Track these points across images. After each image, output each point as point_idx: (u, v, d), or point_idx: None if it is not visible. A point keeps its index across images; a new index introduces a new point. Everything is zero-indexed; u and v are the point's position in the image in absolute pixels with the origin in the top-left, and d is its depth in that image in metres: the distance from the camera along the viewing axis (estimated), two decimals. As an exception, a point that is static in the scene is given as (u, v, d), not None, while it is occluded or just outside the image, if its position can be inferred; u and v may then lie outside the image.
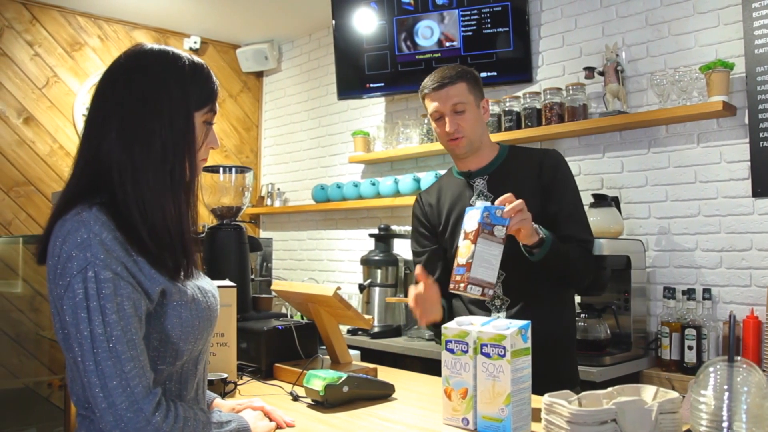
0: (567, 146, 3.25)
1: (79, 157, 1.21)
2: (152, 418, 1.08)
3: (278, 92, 5.11)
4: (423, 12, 3.70)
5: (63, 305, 1.09)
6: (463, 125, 1.96)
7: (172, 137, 1.18)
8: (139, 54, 1.22)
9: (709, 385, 1.07)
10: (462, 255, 1.63)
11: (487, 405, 1.39)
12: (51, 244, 1.14)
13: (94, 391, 1.07)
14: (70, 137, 4.27)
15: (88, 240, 1.09)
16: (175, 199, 1.19)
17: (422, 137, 3.82)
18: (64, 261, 1.10)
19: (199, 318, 1.23)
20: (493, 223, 1.62)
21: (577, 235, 1.94)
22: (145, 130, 1.17)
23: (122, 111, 1.17)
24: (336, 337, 2.09)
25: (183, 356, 1.22)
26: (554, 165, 2.00)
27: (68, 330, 1.10)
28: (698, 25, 2.85)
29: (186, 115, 1.20)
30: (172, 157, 1.18)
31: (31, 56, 4.15)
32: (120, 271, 1.10)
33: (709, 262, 2.78)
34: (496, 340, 1.37)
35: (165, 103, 1.18)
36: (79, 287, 1.08)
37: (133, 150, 1.16)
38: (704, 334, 2.61)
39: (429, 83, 1.99)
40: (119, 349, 1.08)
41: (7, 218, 4.03)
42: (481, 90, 2.03)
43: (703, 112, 2.70)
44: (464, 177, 2.06)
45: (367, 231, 4.05)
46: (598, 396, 1.23)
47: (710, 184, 2.80)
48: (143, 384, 1.09)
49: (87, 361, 1.07)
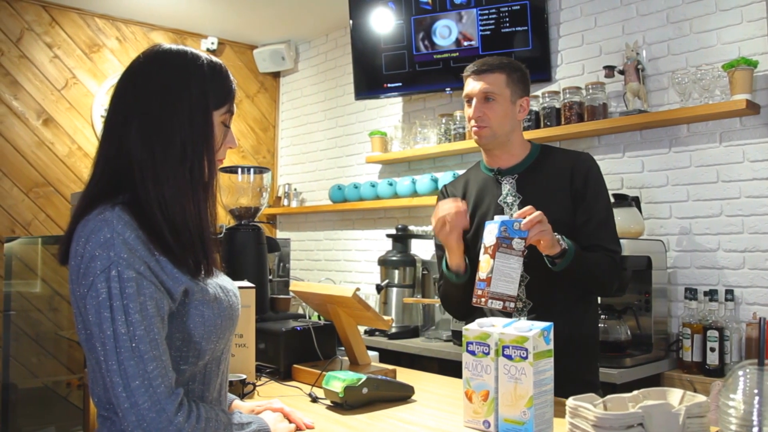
0: (587, 146, 3.22)
1: (100, 157, 1.21)
2: (174, 419, 1.08)
3: (295, 92, 5.11)
4: (441, 11, 3.68)
5: (86, 305, 1.09)
6: (489, 115, 1.93)
7: (192, 135, 1.19)
8: (158, 53, 1.23)
9: (739, 389, 1.05)
10: (482, 270, 1.66)
11: (508, 408, 1.37)
12: (74, 244, 1.14)
13: (116, 391, 1.06)
14: (88, 138, 4.30)
15: (112, 239, 1.10)
16: (194, 197, 1.19)
17: (440, 137, 3.81)
18: (87, 261, 1.10)
19: (222, 317, 1.23)
20: (512, 236, 1.65)
21: (605, 245, 1.90)
22: (165, 128, 1.17)
23: (142, 109, 1.18)
24: (355, 339, 2.08)
25: (205, 356, 1.22)
26: (586, 170, 1.96)
27: (91, 330, 1.09)
28: (721, 23, 2.81)
29: (205, 113, 1.21)
30: (192, 155, 1.19)
31: (50, 58, 4.18)
32: (143, 270, 1.11)
33: (731, 263, 2.74)
34: (518, 342, 1.36)
35: (185, 101, 1.19)
36: (103, 287, 1.08)
37: (153, 148, 1.16)
38: (727, 336, 2.57)
39: (471, 66, 1.98)
40: (142, 348, 1.08)
41: (26, 219, 4.06)
42: (524, 87, 1.99)
43: (726, 110, 2.66)
44: (493, 174, 2.03)
45: (384, 231, 4.04)
46: (623, 399, 1.21)
47: (733, 184, 2.75)
48: (165, 384, 1.09)
49: (110, 361, 1.07)
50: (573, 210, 1.92)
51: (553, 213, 1.91)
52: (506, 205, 1.97)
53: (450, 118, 3.77)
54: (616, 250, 1.92)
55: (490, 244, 1.65)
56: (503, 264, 1.63)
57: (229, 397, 1.51)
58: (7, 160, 4.01)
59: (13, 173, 4.03)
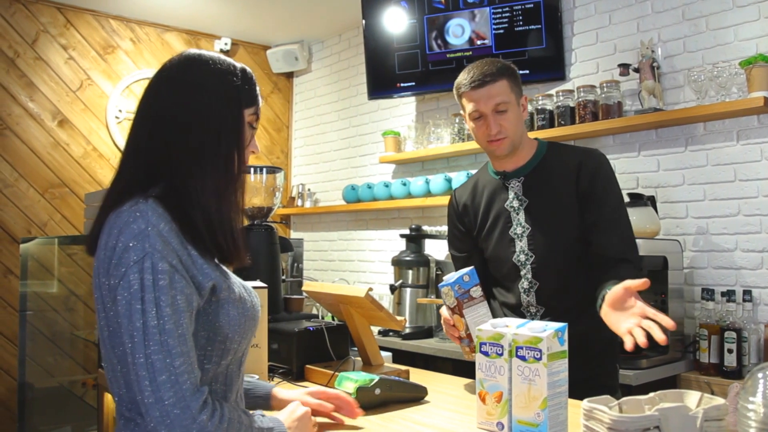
0: (601, 145, 3.19)
1: (130, 150, 1.23)
2: (198, 416, 1.07)
3: (308, 93, 5.11)
4: (454, 10, 3.66)
5: (117, 296, 1.09)
6: (506, 125, 1.86)
7: (226, 128, 1.22)
8: (191, 55, 1.27)
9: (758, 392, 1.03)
10: (460, 328, 1.75)
11: (522, 409, 1.36)
12: (104, 236, 1.14)
13: (141, 386, 1.06)
14: (103, 139, 4.32)
15: (146, 231, 1.10)
16: (227, 188, 1.22)
17: (453, 137, 3.79)
18: (120, 252, 1.10)
19: (246, 317, 1.24)
20: (467, 289, 1.73)
21: (619, 252, 1.80)
22: (201, 120, 1.20)
23: (177, 101, 1.21)
24: (368, 339, 2.07)
25: (228, 356, 1.22)
26: (594, 167, 1.87)
27: (120, 321, 1.09)
28: (737, 19, 2.77)
29: (237, 107, 1.24)
30: (226, 148, 1.22)
31: (65, 60, 4.21)
32: (176, 263, 1.11)
33: (749, 263, 2.71)
34: (532, 343, 1.34)
35: (219, 95, 1.22)
36: (135, 278, 1.08)
37: (188, 138, 1.19)
38: (745, 337, 2.54)
39: (467, 80, 1.86)
40: (171, 343, 1.08)
41: (42, 219, 4.09)
42: (520, 86, 1.93)
43: (743, 108, 2.63)
44: (499, 178, 1.98)
45: (398, 231, 4.03)
46: (639, 402, 1.19)
47: (750, 183, 2.72)
48: (191, 381, 1.09)
49: (137, 354, 1.06)
50: (580, 211, 1.86)
51: (559, 215, 1.89)
52: (513, 209, 1.94)
53: (463, 118, 3.74)
54: (631, 258, 1.82)
55: (453, 305, 1.73)
56: (473, 317, 1.73)
57: (266, 385, 1.54)
58: (23, 161, 4.04)
59: (29, 174, 4.06)
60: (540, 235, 1.90)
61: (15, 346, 3.80)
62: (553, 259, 1.89)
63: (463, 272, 1.73)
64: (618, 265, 1.78)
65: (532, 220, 1.91)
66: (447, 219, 2.16)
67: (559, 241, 1.89)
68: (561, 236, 1.89)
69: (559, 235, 1.89)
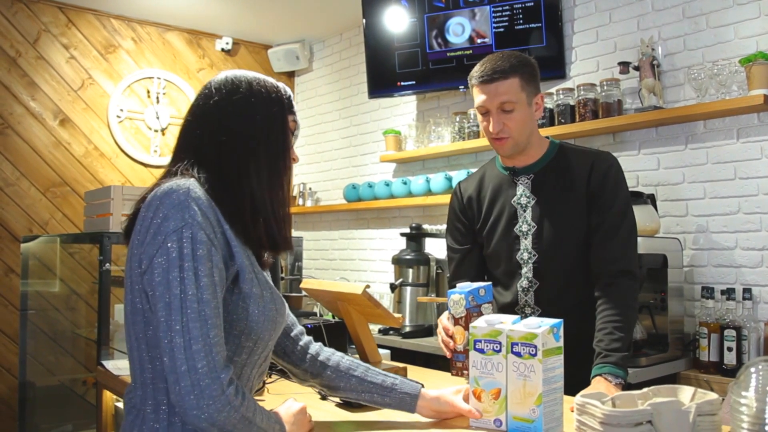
0: (601, 143, 3.19)
1: (182, 148, 1.29)
2: (226, 389, 1.09)
3: (309, 92, 5.12)
4: (454, 9, 3.66)
5: (153, 265, 1.10)
6: (510, 125, 1.82)
7: (274, 128, 1.30)
8: (236, 71, 1.36)
9: (751, 386, 1.03)
10: (458, 341, 1.67)
11: (517, 405, 1.36)
12: (143, 210, 1.17)
13: (175, 353, 1.07)
14: (104, 138, 4.33)
15: (186, 201, 1.13)
16: (275, 181, 1.28)
17: (454, 135, 3.79)
18: (159, 222, 1.12)
19: (266, 317, 1.25)
20: (480, 303, 1.65)
21: (617, 263, 1.79)
22: (249, 111, 1.27)
23: (231, 108, 1.27)
24: (365, 336, 2.07)
25: (242, 353, 1.23)
26: (605, 169, 1.86)
27: (155, 291, 1.10)
28: (738, 17, 2.77)
29: (282, 111, 1.32)
30: (274, 145, 1.29)
31: (66, 59, 4.22)
32: (212, 237, 1.14)
33: (749, 261, 2.70)
34: (527, 339, 1.34)
35: (267, 94, 1.31)
36: (174, 246, 1.10)
37: (241, 139, 1.25)
38: (744, 335, 2.53)
39: (478, 72, 1.83)
40: (208, 313, 1.09)
41: (43, 218, 4.10)
42: (536, 84, 1.87)
43: (743, 106, 2.62)
44: (508, 173, 1.96)
45: (398, 230, 4.03)
46: (632, 397, 1.19)
47: (751, 181, 2.71)
48: (222, 355, 1.11)
49: (173, 321, 1.08)
50: (588, 211, 1.85)
51: (566, 216, 1.87)
52: (520, 206, 1.92)
53: (464, 116, 3.75)
54: (628, 265, 1.81)
55: (461, 315, 1.65)
56: None
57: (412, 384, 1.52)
58: (25, 160, 4.05)
59: (30, 173, 4.07)
60: (546, 234, 1.88)
61: (16, 344, 3.81)
62: (557, 260, 1.88)
63: (479, 285, 1.67)
64: (616, 282, 1.78)
65: (539, 219, 1.89)
66: (448, 210, 2.12)
67: (564, 241, 1.87)
68: (567, 237, 1.87)
69: (564, 236, 1.87)
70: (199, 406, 1.06)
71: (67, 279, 4.01)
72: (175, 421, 1.17)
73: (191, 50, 4.76)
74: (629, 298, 1.79)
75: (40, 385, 3.73)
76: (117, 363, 2.40)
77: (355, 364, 1.51)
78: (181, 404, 1.07)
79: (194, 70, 4.75)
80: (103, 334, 2.63)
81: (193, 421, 1.08)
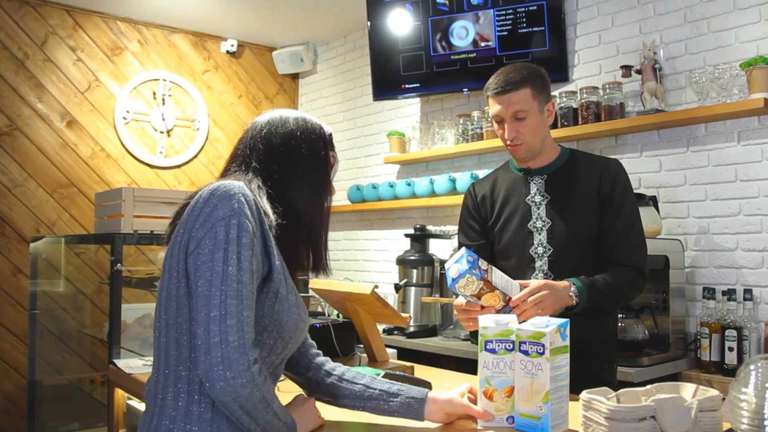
0: (604, 145, 3.23)
1: (235, 164, 1.40)
2: (252, 366, 1.16)
3: (314, 94, 5.15)
4: (458, 12, 3.70)
5: (200, 246, 1.19)
6: (523, 132, 1.94)
7: (318, 156, 1.43)
8: (284, 110, 1.50)
9: (751, 383, 1.07)
10: (496, 302, 1.67)
11: (525, 402, 1.40)
12: (192, 203, 1.26)
13: (210, 325, 1.14)
14: (111, 140, 4.36)
15: (235, 195, 1.23)
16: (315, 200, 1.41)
17: (457, 137, 3.83)
18: (209, 211, 1.21)
19: (289, 319, 1.31)
20: (479, 266, 1.62)
21: (629, 259, 1.92)
22: (295, 143, 1.40)
23: (276, 132, 1.40)
24: (373, 335, 2.11)
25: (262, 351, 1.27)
26: (615, 175, 1.99)
27: (198, 270, 1.18)
28: (739, 21, 2.80)
29: (324, 144, 1.46)
30: (317, 171, 1.43)
31: (73, 61, 4.26)
32: (255, 231, 1.23)
33: (750, 262, 2.74)
34: (535, 338, 1.38)
35: (312, 130, 1.45)
36: (221, 231, 1.19)
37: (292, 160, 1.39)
38: (745, 336, 2.57)
39: (493, 85, 1.96)
40: (244, 293, 1.17)
41: (51, 219, 4.14)
42: (547, 92, 2.00)
43: (744, 109, 2.66)
44: (522, 173, 2.06)
45: (402, 231, 4.06)
46: (636, 393, 1.23)
47: (751, 183, 2.75)
48: (251, 336, 1.18)
49: (213, 296, 1.15)
50: (600, 214, 1.95)
51: (579, 214, 1.96)
52: (534, 204, 2.00)
53: (468, 119, 3.78)
54: (639, 265, 1.93)
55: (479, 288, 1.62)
56: (500, 280, 1.67)
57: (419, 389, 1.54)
58: (32, 161, 4.09)
59: (37, 174, 4.11)
60: (560, 229, 1.97)
61: (24, 344, 3.85)
62: (571, 254, 1.96)
63: (461, 256, 1.64)
64: (626, 269, 1.91)
65: (553, 215, 1.98)
66: (461, 210, 2.21)
67: (578, 237, 1.97)
68: (580, 233, 1.97)
69: (578, 232, 1.97)
70: (225, 378, 1.13)
71: (73, 279, 4.05)
72: (192, 410, 1.22)
73: (196, 52, 4.80)
74: (629, 282, 1.92)
75: (48, 384, 3.76)
76: (128, 362, 2.44)
77: (360, 374, 1.56)
78: (209, 375, 1.13)
79: (199, 72, 4.79)
80: (114, 333, 2.66)
81: (219, 394, 1.14)
